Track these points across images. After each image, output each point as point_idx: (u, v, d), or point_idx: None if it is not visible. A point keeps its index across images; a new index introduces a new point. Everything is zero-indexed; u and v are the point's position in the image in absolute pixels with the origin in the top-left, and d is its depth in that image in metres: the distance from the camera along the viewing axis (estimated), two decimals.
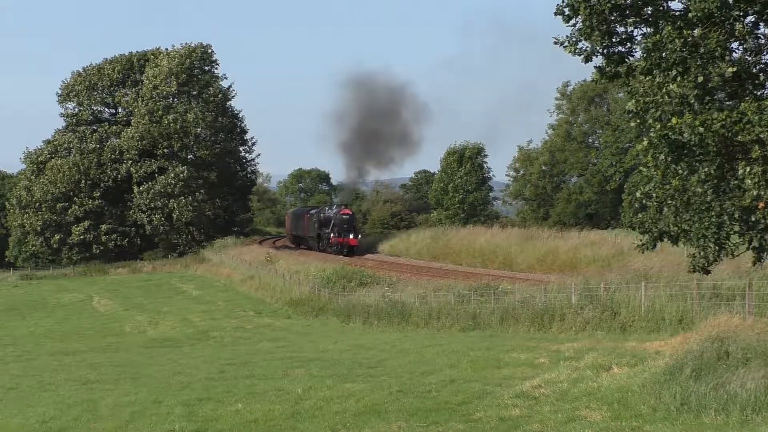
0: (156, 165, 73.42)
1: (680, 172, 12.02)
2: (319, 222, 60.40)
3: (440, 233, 58.54)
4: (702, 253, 12.59)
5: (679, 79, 11.18)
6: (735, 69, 10.99)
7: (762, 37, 11.70)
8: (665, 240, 13.26)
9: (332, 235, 56.88)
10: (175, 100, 74.51)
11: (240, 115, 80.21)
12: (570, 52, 12.33)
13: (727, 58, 11.25)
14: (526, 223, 69.49)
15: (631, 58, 12.34)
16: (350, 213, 59.51)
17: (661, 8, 11.75)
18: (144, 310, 41.02)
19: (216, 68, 77.69)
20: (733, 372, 11.10)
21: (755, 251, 12.16)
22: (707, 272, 13.24)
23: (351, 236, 56.89)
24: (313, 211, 65.24)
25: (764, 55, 11.86)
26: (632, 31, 12.18)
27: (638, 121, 12.45)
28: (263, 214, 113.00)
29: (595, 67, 12.56)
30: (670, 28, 11.26)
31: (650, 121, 11.87)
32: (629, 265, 30.63)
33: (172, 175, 71.96)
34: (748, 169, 11.04)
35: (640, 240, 13.66)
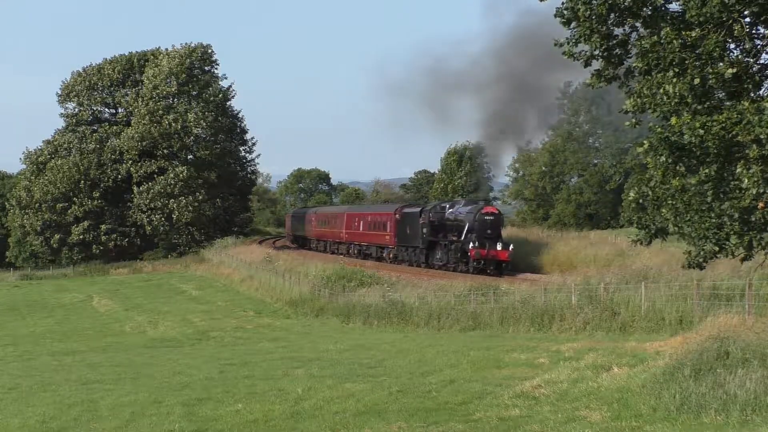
0: (156, 165, 73.43)
1: (679, 171, 12.04)
2: (432, 226, 42.27)
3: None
4: (701, 252, 12.62)
5: (675, 80, 11.21)
6: (735, 70, 11.00)
7: (759, 38, 11.72)
8: (660, 237, 13.34)
9: (471, 245, 38.58)
10: (175, 100, 74.52)
11: (240, 115, 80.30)
12: (569, 56, 12.35)
13: (726, 59, 11.26)
14: (525, 224, 69.53)
15: (629, 60, 12.36)
16: (497, 212, 41.59)
17: (660, 10, 11.76)
18: (144, 311, 41.03)
19: (216, 68, 77.79)
20: (733, 372, 11.10)
21: (746, 249, 12.19)
22: (702, 268, 13.30)
23: (499, 247, 38.75)
24: (409, 210, 46.84)
25: (763, 56, 11.87)
26: (630, 33, 12.20)
27: (633, 120, 12.50)
28: (263, 214, 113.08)
29: (594, 71, 12.58)
30: (668, 29, 11.28)
31: (651, 124, 11.91)
32: (629, 265, 30.60)
33: (172, 175, 71.97)
34: (746, 169, 11.06)
35: (636, 235, 13.78)
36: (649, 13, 11.73)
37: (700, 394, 10.81)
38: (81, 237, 73.29)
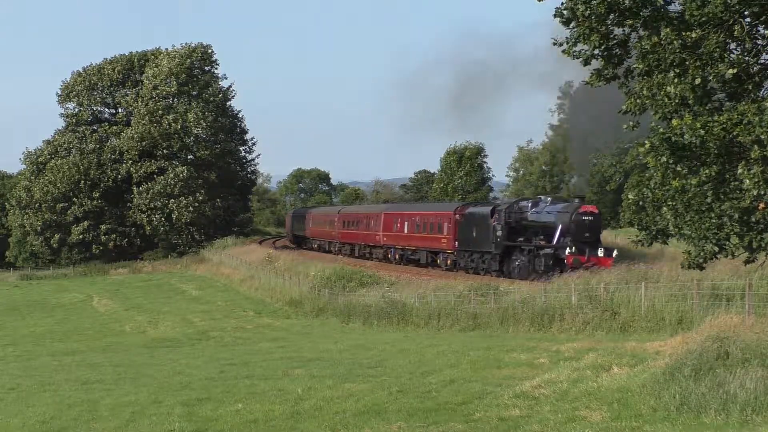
0: (156, 165, 73.46)
1: (680, 172, 12.05)
2: (510, 228, 35.96)
3: None
4: (701, 253, 12.63)
5: (677, 80, 11.21)
6: (735, 71, 11.00)
7: (760, 38, 11.72)
8: (660, 239, 13.39)
9: (567, 250, 31.96)
10: (175, 100, 74.55)
11: (240, 115, 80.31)
12: (569, 54, 12.34)
13: (726, 59, 11.27)
14: None
15: (629, 60, 12.37)
16: (597, 212, 34.52)
17: (659, 10, 11.76)
18: (144, 311, 41.04)
19: (216, 68, 77.87)
20: (733, 372, 11.10)
21: (749, 251, 12.20)
22: (702, 269, 13.33)
23: (601, 253, 32.47)
24: (474, 209, 40.28)
25: (763, 56, 11.87)
26: (629, 34, 12.20)
27: (632, 123, 12.53)
28: (263, 214, 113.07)
29: (594, 69, 12.58)
30: (668, 29, 11.28)
31: (652, 124, 11.93)
32: (629, 265, 30.59)
33: (172, 175, 71.99)
34: (746, 169, 11.06)
35: (637, 236, 13.82)
36: (648, 13, 11.73)
37: (700, 394, 10.80)
38: (81, 237, 73.33)
